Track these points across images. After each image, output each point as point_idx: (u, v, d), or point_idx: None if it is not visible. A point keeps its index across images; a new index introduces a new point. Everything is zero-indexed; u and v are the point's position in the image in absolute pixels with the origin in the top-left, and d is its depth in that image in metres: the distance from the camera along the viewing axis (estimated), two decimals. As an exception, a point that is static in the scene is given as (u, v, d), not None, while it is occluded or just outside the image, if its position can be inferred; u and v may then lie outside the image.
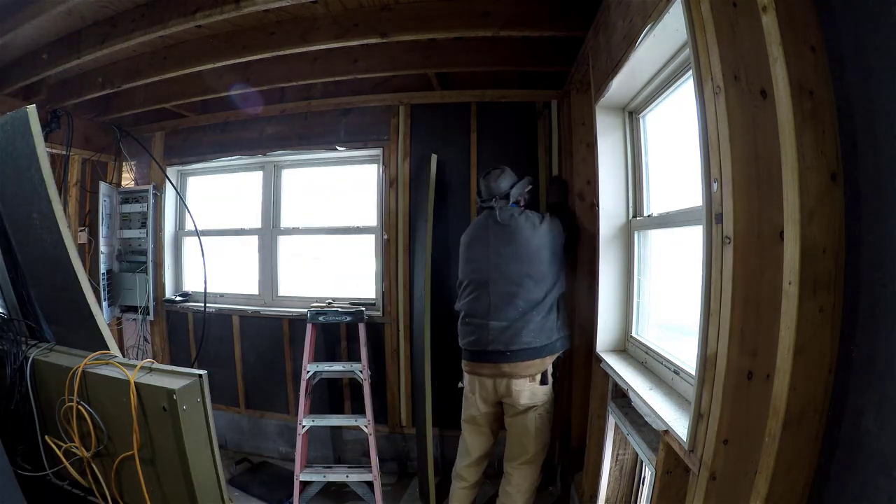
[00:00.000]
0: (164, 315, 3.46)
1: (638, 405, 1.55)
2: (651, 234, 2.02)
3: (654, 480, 1.42)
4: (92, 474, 1.21)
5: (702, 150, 1.10)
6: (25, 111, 1.31)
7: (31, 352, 1.32)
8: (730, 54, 1.00)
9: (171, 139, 3.48)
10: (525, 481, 2.21)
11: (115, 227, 3.46)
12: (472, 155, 2.90)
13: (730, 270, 1.01)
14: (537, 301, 2.12)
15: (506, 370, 2.13)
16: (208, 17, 2.01)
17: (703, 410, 1.10)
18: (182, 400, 1.07)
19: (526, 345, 2.11)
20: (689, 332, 1.58)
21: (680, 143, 1.66)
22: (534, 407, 2.16)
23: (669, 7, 1.25)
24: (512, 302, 2.12)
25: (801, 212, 0.85)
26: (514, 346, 2.11)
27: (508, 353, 2.11)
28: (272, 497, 2.70)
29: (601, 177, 2.10)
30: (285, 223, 3.32)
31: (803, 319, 0.86)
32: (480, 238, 2.27)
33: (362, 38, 2.25)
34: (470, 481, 2.34)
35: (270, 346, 3.18)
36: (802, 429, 0.89)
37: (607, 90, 1.89)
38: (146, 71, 2.64)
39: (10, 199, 1.45)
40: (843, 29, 0.85)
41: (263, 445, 3.27)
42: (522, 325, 2.11)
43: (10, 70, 2.62)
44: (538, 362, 2.13)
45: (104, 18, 2.24)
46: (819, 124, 0.86)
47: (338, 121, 3.09)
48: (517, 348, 2.11)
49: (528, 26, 2.18)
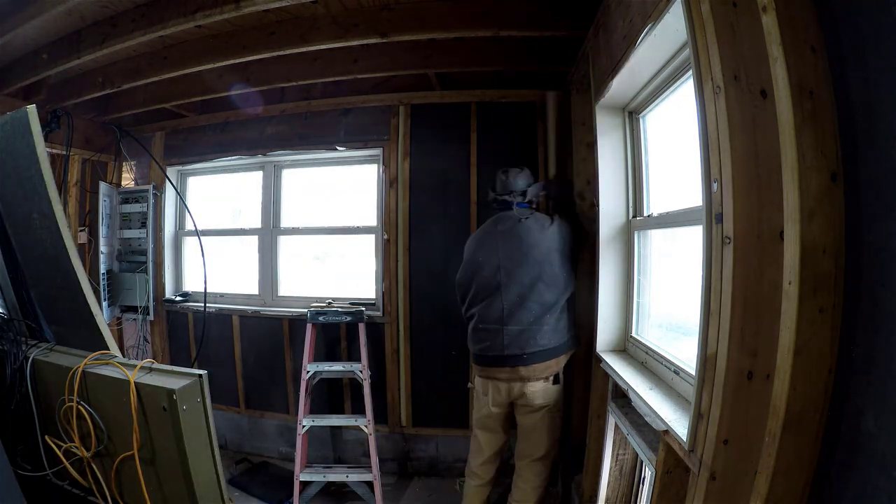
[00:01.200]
0: (164, 315, 3.46)
1: (638, 405, 1.55)
2: (651, 234, 2.02)
3: (654, 480, 1.42)
4: (92, 474, 1.21)
5: (702, 150, 1.10)
6: (25, 111, 1.31)
7: (31, 352, 1.32)
8: (730, 54, 1.00)
9: (171, 139, 3.47)
10: (537, 477, 2.23)
11: (115, 227, 3.46)
12: (472, 155, 2.90)
13: (730, 270, 1.01)
14: (551, 304, 2.12)
15: (523, 374, 2.13)
16: (208, 17, 2.01)
17: (703, 410, 1.10)
18: (182, 400, 1.07)
19: (542, 347, 2.11)
20: (689, 332, 1.58)
21: (680, 143, 1.66)
22: (547, 406, 2.18)
23: (669, 7, 1.25)
24: (525, 306, 2.12)
25: (801, 212, 0.85)
26: (531, 349, 2.11)
27: (525, 357, 2.11)
28: (272, 497, 2.70)
29: (601, 177, 2.10)
30: (285, 223, 3.32)
31: (803, 319, 0.86)
32: (488, 243, 2.25)
33: (362, 38, 2.25)
34: (484, 479, 2.35)
35: (270, 346, 3.18)
36: (802, 429, 0.89)
37: (607, 90, 1.89)
38: (146, 71, 2.63)
39: (10, 199, 1.45)
40: (843, 29, 0.85)
41: (263, 445, 3.27)
42: (538, 328, 2.11)
43: (10, 70, 2.62)
44: (554, 363, 2.14)
45: (104, 18, 2.24)
46: (819, 124, 0.86)
47: (338, 121, 3.09)
48: (534, 351, 2.11)
49: (528, 26, 2.18)
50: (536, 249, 2.14)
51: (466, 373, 2.89)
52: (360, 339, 2.68)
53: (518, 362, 2.12)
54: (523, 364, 2.11)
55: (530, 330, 2.11)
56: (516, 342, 2.12)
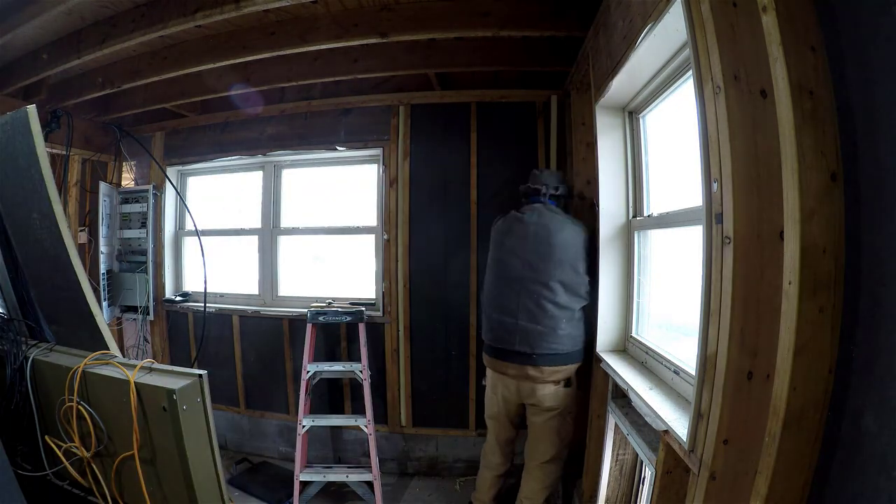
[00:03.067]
0: (164, 315, 3.46)
1: (638, 405, 1.55)
2: (651, 233, 2.02)
3: (654, 480, 1.42)
4: (92, 474, 1.21)
5: (702, 150, 1.10)
6: (25, 111, 1.31)
7: (31, 352, 1.32)
8: (730, 54, 1.00)
9: (171, 139, 3.48)
10: (547, 478, 2.21)
11: (115, 227, 3.46)
12: (472, 155, 2.90)
13: (730, 270, 1.01)
14: (568, 308, 2.07)
15: (531, 373, 2.09)
16: (208, 17, 2.01)
17: (703, 410, 1.10)
18: (182, 400, 1.07)
19: (553, 350, 2.06)
20: (689, 332, 1.58)
21: (680, 143, 1.66)
22: (557, 409, 2.15)
23: (669, 7, 1.25)
24: (542, 305, 2.06)
25: (801, 212, 0.85)
26: (541, 350, 2.06)
27: (535, 357, 2.07)
28: (272, 497, 2.70)
29: (601, 177, 2.10)
30: (285, 223, 3.32)
31: (803, 319, 0.86)
32: (518, 229, 2.16)
33: (362, 38, 2.25)
34: (494, 468, 2.34)
35: (270, 346, 3.18)
36: (802, 429, 0.89)
37: (607, 90, 1.89)
38: (146, 71, 2.63)
39: (10, 199, 1.45)
40: (843, 29, 0.85)
41: (263, 445, 3.27)
42: (551, 330, 2.06)
43: (10, 70, 2.62)
44: (564, 369, 2.10)
45: (104, 18, 2.24)
46: (819, 124, 0.86)
47: (338, 121, 3.09)
48: (544, 353, 2.06)
49: (528, 26, 2.18)
50: (563, 250, 2.07)
51: (467, 373, 2.90)
52: (360, 339, 2.68)
53: (527, 361, 2.08)
54: (532, 364, 2.07)
55: (544, 330, 2.06)
56: (528, 339, 2.07)
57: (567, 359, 2.10)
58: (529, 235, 2.12)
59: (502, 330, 2.15)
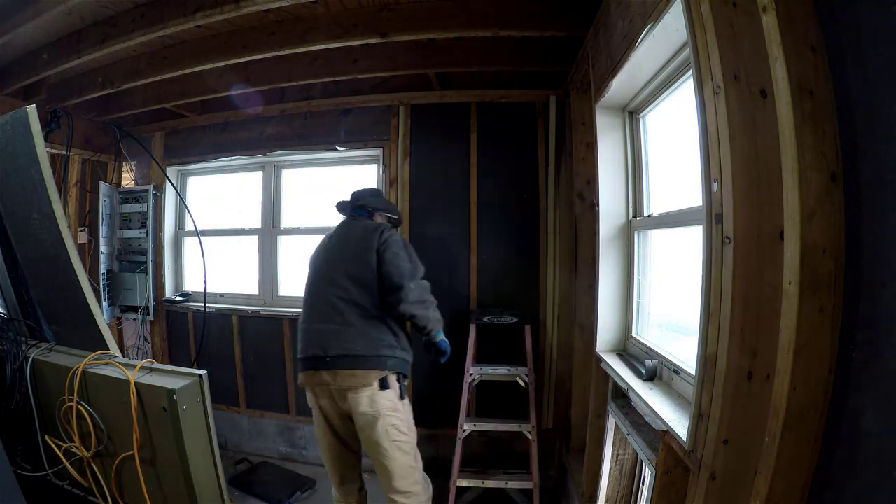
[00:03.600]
0: (164, 315, 3.46)
1: (638, 405, 1.55)
2: (651, 234, 2.02)
3: (654, 480, 1.42)
4: (92, 474, 1.21)
5: (702, 150, 1.10)
6: (25, 111, 1.31)
7: (31, 352, 1.32)
8: (730, 54, 1.00)
9: (171, 139, 3.48)
10: None
11: (115, 227, 3.46)
12: (473, 155, 2.90)
13: (730, 270, 1.01)
14: (362, 306, 1.87)
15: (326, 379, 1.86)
16: (208, 17, 2.01)
17: (703, 410, 1.10)
18: (182, 400, 1.07)
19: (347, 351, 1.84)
20: (689, 332, 1.58)
21: (680, 143, 1.66)
22: (374, 414, 1.82)
23: (669, 7, 1.25)
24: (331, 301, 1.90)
25: (801, 212, 0.85)
26: (334, 352, 1.86)
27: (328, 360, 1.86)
28: (272, 497, 2.70)
29: (601, 177, 2.10)
30: (285, 223, 3.32)
31: (803, 319, 0.86)
32: (323, 243, 2.14)
33: (362, 38, 2.25)
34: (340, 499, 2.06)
35: (270, 346, 3.18)
36: (802, 429, 0.89)
37: (607, 90, 1.89)
38: (146, 71, 2.64)
39: (10, 199, 1.45)
40: (843, 29, 0.85)
41: (263, 445, 3.27)
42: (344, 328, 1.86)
43: (10, 70, 2.62)
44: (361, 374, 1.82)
45: (104, 18, 2.24)
46: (819, 124, 0.86)
47: (338, 121, 3.09)
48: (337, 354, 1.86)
49: (528, 26, 2.18)
50: (359, 246, 1.93)
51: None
52: (526, 343, 2.60)
53: (320, 365, 1.83)
54: (326, 368, 1.82)
55: (335, 328, 1.83)
56: (318, 342, 1.85)
57: (363, 362, 1.82)
58: (334, 243, 2.08)
59: (302, 339, 1.97)
